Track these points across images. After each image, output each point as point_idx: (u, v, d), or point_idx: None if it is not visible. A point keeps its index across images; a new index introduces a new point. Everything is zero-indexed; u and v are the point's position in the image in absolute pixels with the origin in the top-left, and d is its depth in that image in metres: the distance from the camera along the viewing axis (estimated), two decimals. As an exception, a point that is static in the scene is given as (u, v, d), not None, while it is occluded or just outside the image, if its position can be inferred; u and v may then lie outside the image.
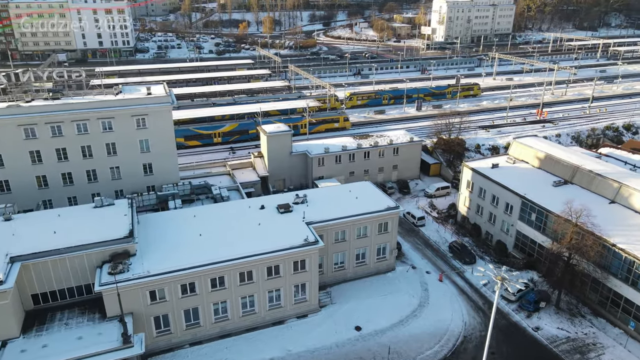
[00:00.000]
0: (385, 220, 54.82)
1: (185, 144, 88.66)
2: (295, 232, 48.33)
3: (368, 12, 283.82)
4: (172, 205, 59.52)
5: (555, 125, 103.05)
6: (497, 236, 64.79)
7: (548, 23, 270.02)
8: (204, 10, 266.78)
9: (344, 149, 77.07)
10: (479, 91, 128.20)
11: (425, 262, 60.08)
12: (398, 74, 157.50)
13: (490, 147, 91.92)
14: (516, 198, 60.26)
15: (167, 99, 60.73)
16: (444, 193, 78.60)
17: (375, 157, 79.74)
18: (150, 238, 46.69)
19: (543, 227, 57.05)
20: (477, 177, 67.26)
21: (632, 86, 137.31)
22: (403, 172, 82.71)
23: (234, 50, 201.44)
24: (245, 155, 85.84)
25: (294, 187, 77.35)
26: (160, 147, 62.23)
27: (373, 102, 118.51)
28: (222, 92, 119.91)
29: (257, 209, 53.20)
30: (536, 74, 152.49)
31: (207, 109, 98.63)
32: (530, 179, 63.74)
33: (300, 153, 76.51)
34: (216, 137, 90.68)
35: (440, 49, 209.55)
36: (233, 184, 70.27)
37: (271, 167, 75.85)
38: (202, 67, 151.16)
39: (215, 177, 72.88)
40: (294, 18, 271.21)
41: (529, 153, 68.43)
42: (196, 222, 50.19)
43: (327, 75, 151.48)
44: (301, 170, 77.80)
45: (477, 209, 68.27)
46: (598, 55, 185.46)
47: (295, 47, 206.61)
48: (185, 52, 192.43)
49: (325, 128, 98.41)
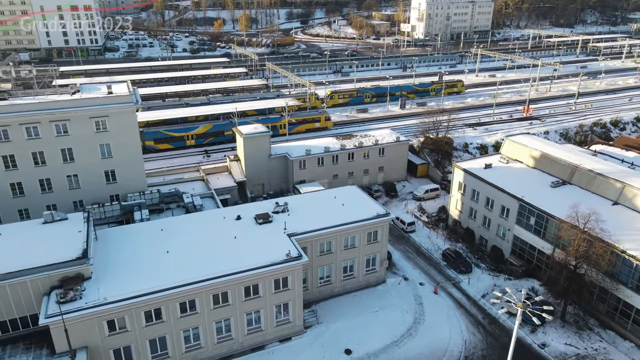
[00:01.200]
0: (374, 229, 49.96)
1: (155, 147, 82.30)
2: (275, 246, 43.05)
3: (346, 10, 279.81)
4: (138, 216, 53.57)
5: (543, 122, 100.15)
6: (492, 241, 60.67)
7: (525, 20, 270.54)
8: (178, 7, 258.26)
9: (326, 151, 72.02)
10: (463, 88, 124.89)
11: (418, 272, 55.47)
12: (379, 71, 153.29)
13: (478, 145, 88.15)
14: (513, 201, 56.17)
15: (130, 99, 54.63)
16: (434, 195, 74.31)
17: (360, 159, 74.93)
18: (110, 257, 40.76)
19: (543, 231, 53.03)
20: (469, 178, 63.06)
21: (614, 82, 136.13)
22: (389, 173, 78.13)
23: (209, 48, 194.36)
24: (220, 159, 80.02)
25: (273, 192, 72.05)
26: (123, 152, 56.10)
27: (355, 101, 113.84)
28: (195, 92, 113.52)
29: (233, 220, 47.73)
30: (519, 70, 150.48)
31: (179, 110, 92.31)
32: (526, 179, 59.81)
33: (280, 155, 71.15)
34: (189, 140, 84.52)
35: (422, 46, 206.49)
36: (207, 190, 64.55)
37: (249, 172, 70.27)
38: (175, 66, 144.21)
39: (188, 183, 67.01)
40: (270, 16, 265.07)
41: (523, 152, 64.55)
42: (163, 236, 44.43)
43: (307, 73, 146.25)
44: (281, 174, 72.44)
45: (470, 213, 64.06)
46: (578, 52, 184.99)
47: (273, 45, 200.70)
48: (157, 50, 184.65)
49: (306, 128, 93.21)
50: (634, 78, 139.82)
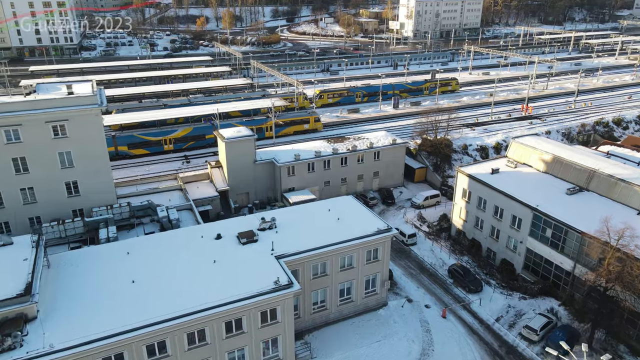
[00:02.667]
0: (375, 247, 43.88)
1: (129, 152, 75.18)
2: (262, 271, 36.70)
3: (333, 8, 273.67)
4: (104, 234, 46.72)
5: (543, 122, 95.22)
6: (501, 254, 55.04)
7: (514, 17, 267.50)
8: (159, 5, 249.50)
9: (317, 155, 65.75)
10: (457, 86, 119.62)
11: (423, 292, 49.52)
12: (369, 69, 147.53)
13: (478, 147, 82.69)
14: (526, 210, 50.54)
15: (93, 100, 47.74)
16: (434, 202, 68.54)
17: (354, 164, 68.82)
18: (63, 289, 34.04)
19: (562, 245, 47.49)
20: (475, 185, 57.35)
21: (611, 79, 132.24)
22: (385, 179, 72.17)
23: (191, 47, 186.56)
24: (201, 165, 73.27)
25: (259, 202, 65.58)
26: (87, 161, 49.28)
27: (345, 100, 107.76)
28: (175, 92, 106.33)
29: (212, 240, 41.25)
30: (512, 67, 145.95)
31: (156, 112, 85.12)
32: (538, 186, 54.29)
33: (267, 161, 64.70)
34: (167, 144, 77.52)
35: (413, 44, 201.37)
36: (185, 201, 57.87)
37: (232, 179, 63.70)
38: (155, 65, 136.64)
39: (164, 193, 60.21)
40: (255, 14, 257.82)
41: (532, 155, 59.05)
42: (130, 261, 37.77)
43: (294, 72, 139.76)
44: (268, 182, 66.01)
45: (475, 222, 58.36)
46: (570, 49, 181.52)
47: (258, 44, 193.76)
48: (137, 49, 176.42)
49: (294, 130, 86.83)
50: (630, 75, 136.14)
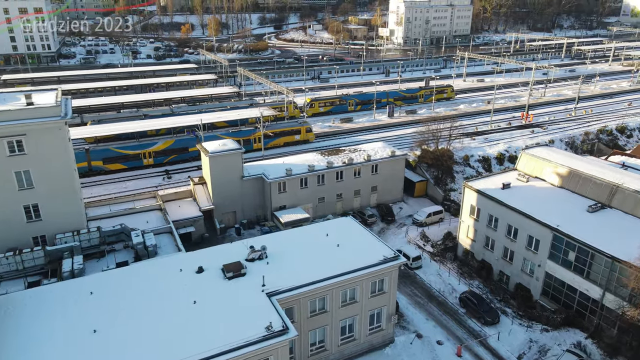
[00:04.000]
0: (381, 277, 38.37)
1: (104, 168, 68.83)
2: (250, 314, 30.97)
3: (321, 15, 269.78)
4: (68, 266, 40.57)
5: (545, 130, 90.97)
6: (516, 278, 49.87)
7: (503, 24, 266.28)
8: (143, 12, 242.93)
9: (310, 170, 60.21)
10: (453, 94, 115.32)
11: (433, 325, 44.03)
12: (360, 77, 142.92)
13: (480, 158, 77.90)
14: (545, 231, 45.49)
15: (55, 111, 41.71)
16: (437, 219, 63.31)
17: (350, 178, 63.40)
18: (6, 344, 27.82)
19: (588, 270, 42.45)
20: (484, 201, 52.26)
21: (608, 85, 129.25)
22: (384, 194, 66.85)
23: (176, 54, 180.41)
24: (183, 181, 67.19)
25: (247, 222, 59.76)
26: (50, 180, 43.16)
27: (337, 109, 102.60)
28: (157, 101, 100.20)
29: (193, 273, 35.36)
30: (507, 74, 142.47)
31: (135, 123, 78.85)
32: (555, 202, 49.39)
33: (255, 177, 58.98)
34: (146, 158, 71.33)
35: (403, 51, 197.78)
36: (164, 223, 51.88)
37: (217, 197, 57.80)
38: (137, 73, 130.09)
39: (141, 214, 54.13)
40: (242, 21, 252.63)
41: (545, 168, 54.19)
42: (93, 304, 31.74)
43: (283, 80, 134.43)
44: (257, 199, 60.25)
45: (485, 242, 53.23)
46: (563, 55, 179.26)
47: (245, 51, 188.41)
48: (119, 57, 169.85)
49: (284, 141, 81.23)
50: (627, 81, 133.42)
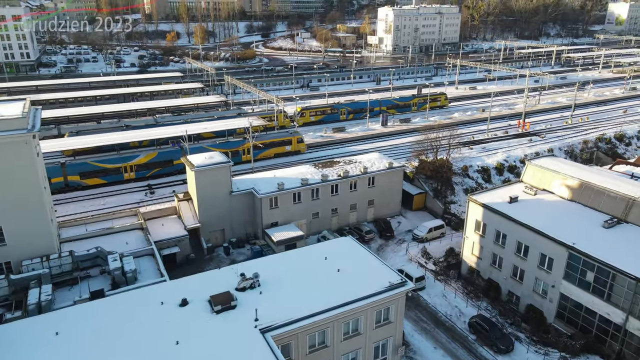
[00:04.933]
0: (386, 306, 34.47)
1: (82, 183, 64.19)
2: (242, 356, 26.82)
3: (309, 23, 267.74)
4: (34, 297, 36.07)
5: (543, 139, 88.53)
6: (527, 299, 46.44)
7: (491, 32, 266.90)
8: (127, 21, 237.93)
9: (304, 184, 56.38)
10: (447, 102, 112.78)
11: (442, 354, 40.30)
12: (351, 85, 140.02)
13: (479, 168, 74.89)
14: (559, 249, 42.19)
15: (20, 123, 37.40)
16: (438, 234, 59.81)
17: (346, 192, 59.69)
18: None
19: (608, 292, 39.15)
20: (491, 216, 48.94)
21: (601, 92, 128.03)
22: (381, 208, 63.25)
23: (161, 63, 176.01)
24: (167, 196, 62.86)
25: (237, 240, 55.63)
26: (15, 200, 38.75)
27: (329, 118, 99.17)
28: (141, 111, 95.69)
29: (176, 306, 31.12)
30: (499, 82, 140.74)
31: (116, 134, 74.29)
32: (566, 217, 46.24)
33: (245, 192, 54.97)
34: (127, 172, 66.84)
35: (393, 59, 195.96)
36: (146, 244, 47.54)
37: (203, 215, 53.60)
38: (120, 82, 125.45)
39: (120, 234, 49.74)
40: (229, 29, 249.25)
41: (554, 180, 51.10)
42: (58, 347, 27.31)
43: (271, 88, 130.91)
44: (247, 216, 56.19)
45: (492, 260, 49.83)
46: (552, 62, 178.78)
47: (232, 59, 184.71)
48: (102, 66, 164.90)
49: (275, 153, 77.36)
50: (619, 88, 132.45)
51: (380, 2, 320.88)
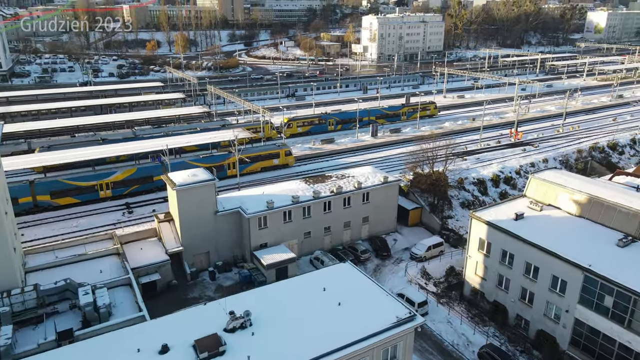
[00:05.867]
0: (393, 344, 30.85)
1: (52, 203, 59.22)
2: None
3: (293, 31, 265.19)
4: (-8, 341, 31.36)
5: (537, 148, 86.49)
6: (537, 324, 43.25)
7: (474, 41, 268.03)
8: (105, 29, 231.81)
9: (295, 201, 52.56)
10: (436, 111, 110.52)
11: (452, 390, 36.67)
12: (338, 94, 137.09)
13: (474, 180, 72.08)
14: (574, 271, 39.14)
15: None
16: (437, 253, 56.52)
17: (339, 209, 56.05)
18: None
19: (629, 318, 36.16)
20: (496, 235, 45.82)
21: (588, 100, 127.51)
22: (376, 225, 59.76)
23: (141, 72, 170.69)
24: (147, 215, 58.27)
25: (223, 264, 51.44)
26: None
27: (317, 129, 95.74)
28: (119, 123, 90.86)
29: (155, 354, 27.01)
30: (487, 90, 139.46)
31: (92, 148, 69.48)
32: (577, 235, 43.37)
33: (231, 212, 50.91)
34: (103, 190, 62.09)
35: (379, 67, 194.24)
36: (122, 273, 43.13)
37: (186, 237, 49.32)
38: (97, 92, 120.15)
39: (93, 261, 45.28)
40: (211, 37, 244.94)
41: (560, 195, 48.30)
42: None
43: (256, 98, 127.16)
44: (233, 237, 52.10)
45: (498, 281, 46.64)
46: (537, 71, 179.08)
47: (215, 68, 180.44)
48: (78, 75, 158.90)
49: (262, 166, 73.45)
50: (606, 96, 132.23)
51: (363, 11, 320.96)
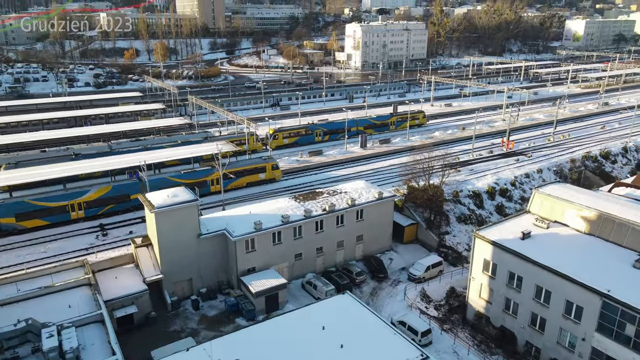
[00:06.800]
0: (405, 391, 27.21)
1: (18, 226, 54.13)
2: None
3: (275, 39, 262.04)
4: None
5: (530, 158, 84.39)
6: (550, 352, 40.19)
7: (457, 49, 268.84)
8: (82, 37, 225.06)
9: (284, 221, 48.70)
10: (425, 120, 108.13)
11: None
12: (323, 103, 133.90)
13: (470, 193, 69.27)
14: (591, 296, 36.19)
15: None
16: (437, 273, 53.25)
17: (332, 228, 52.37)
18: None
19: (654, 349, 33.27)
20: (502, 255, 42.79)
21: (575, 108, 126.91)
22: (370, 243, 56.23)
23: (119, 82, 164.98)
24: (124, 238, 53.62)
25: (207, 291, 47.24)
26: None
27: (304, 140, 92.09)
28: (94, 137, 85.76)
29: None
30: (474, 98, 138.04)
31: (64, 165, 64.48)
32: (589, 255, 40.61)
33: (216, 234, 46.76)
34: (75, 211, 57.23)
35: (364, 75, 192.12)
36: (94, 307, 38.57)
37: (167, 264, 44.97)
38: (71, 103, 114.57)
39: (61, 294, 40.59)
40: (192, 46, 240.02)
41: (567, 211, 45.57)
42: None
43: (239, 108, 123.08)
44: (219, 261, 47.92)
45: (505, 305, 43.56)
46: (521, 78, 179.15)
47: (196, 77, 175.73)
48: (53, 85, 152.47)
49: (247, 182, 69.42)
50: (592, 103, 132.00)
51: (345, 19, 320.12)
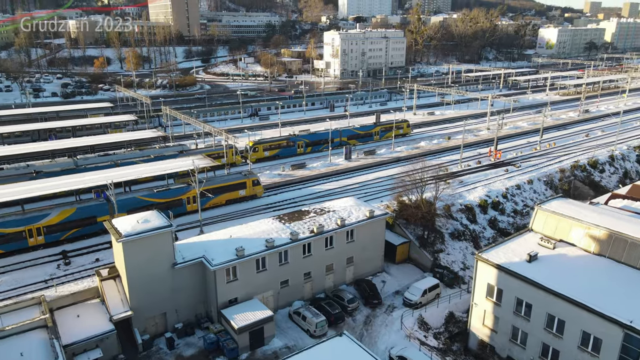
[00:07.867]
0: None
1: (-32, 256, 48.14)
2: None
3: (252, 47, 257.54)
4: None
5: (519, 169, 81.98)
6: (564, 387, 36.71)
7: (434, 56, 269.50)
8: (49, 45, 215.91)
9: (269, 246, 44.18)
10: (409, 129, 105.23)
11: None
12: (304, 112, 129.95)
13: (462, 207, 66.08)
14: (611, 327, 32.93)
15: None
16: (434, 296, 49.51)
17: (321, 251, 48.12)
18: None
19: (686, 388, 30.03)
20: (508, 280, 39.35)
21: (557, 115, 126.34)
22: (361, 266, 52.16)
23: (88, 91, 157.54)
24: (89, 267, 48.14)
25: (184, 326, 42.22)
26: None
27: (285, 152, 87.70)
28: (59, 151, 79.42)
29: None
30: (456, 106, 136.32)
31: (22, 185, 58.16)
32: (602, 279, 37.59)
33: (192, 263, 41.83)
34: (33, 237, 51.38)
35: (343, 83, 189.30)
36: (51, 355, 33.27)
37: (136, 299, 39.83)
38: (35, 116, 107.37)
39: (12, 340, 35.17)
40: (166, 54, 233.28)
41: (574, 229, 42.50)
42: None
43: (215, 118, 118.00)
44: (196, 293, 43.00)
45: (512, 334, 40.12)
46: (501, 86, 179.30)
47: (171, 86, 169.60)
48: (17, 95, 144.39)
49: (227, 199, 64.61)
50: (573, 111, 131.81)
51: (323, 27, 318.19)
